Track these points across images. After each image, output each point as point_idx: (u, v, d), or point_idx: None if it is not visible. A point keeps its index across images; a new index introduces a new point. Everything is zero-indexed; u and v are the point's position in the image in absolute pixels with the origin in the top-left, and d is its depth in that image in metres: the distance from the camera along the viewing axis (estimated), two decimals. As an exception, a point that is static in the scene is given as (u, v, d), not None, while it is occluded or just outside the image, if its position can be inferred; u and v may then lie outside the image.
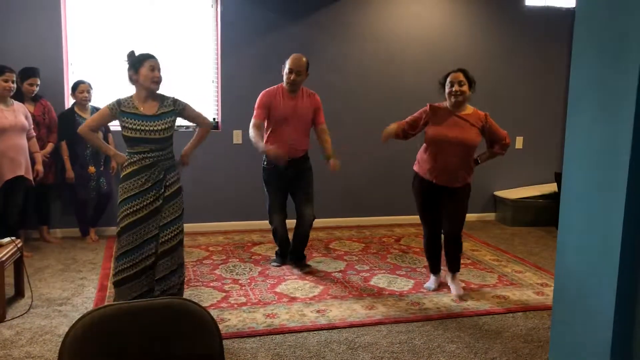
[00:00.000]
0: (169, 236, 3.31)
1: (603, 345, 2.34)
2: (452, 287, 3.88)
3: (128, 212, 3.23)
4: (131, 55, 3.34)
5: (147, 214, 3.24)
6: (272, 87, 4.17)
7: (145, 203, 3.24)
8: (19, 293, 3.67)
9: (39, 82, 4.63)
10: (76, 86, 4.81)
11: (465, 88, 3.67)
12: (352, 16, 5.62)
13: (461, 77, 3.67)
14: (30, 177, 4.39)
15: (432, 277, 4.02)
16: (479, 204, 6.27)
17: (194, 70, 5.42)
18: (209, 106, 5.51)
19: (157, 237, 3.27)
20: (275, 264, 4.39)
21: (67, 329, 1.50)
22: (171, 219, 3.32)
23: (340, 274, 4.27)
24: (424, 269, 4.40)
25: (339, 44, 5.62)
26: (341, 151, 4.42)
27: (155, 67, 3.28)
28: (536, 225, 5.92)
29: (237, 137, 5.46)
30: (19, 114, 4.28)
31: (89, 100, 4.85)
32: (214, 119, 5.50)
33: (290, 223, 4.36)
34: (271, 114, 4.08)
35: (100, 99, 5.10)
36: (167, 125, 3.31)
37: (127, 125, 3.24)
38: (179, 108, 3.41)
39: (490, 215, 6.31)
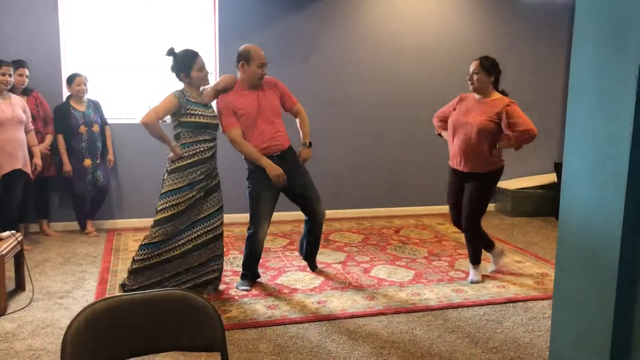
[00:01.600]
0: (211, 227, 3.49)
1: (604, 334, 2.35)
2: (471, 271, 3.98)
3: (170, 204, 3.35)
4: (172, 53, 3.50)
5: (186, 207, 3.37)
6: (225, 94, 3.65)
7: (189, 195, 3.36)
8: (20, 286, 3.67)
9: (27, 73, 4.60)
10: (72, 79, 4.79)
11: (479, 77, 3.76)
12: (351, 6, 5.60)
13: (475, 65, 3.80)
14: (29, 171, 4.37)
15: (473, 268, 3.97)
16: (479, 194, 6.27)
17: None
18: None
19: (189, 228, 3.42)
20: (244, 287, 3.74)
21: (68, 322, 1.50)
22: (212, 210, 3.49)
23: (340, 265, 4.28)
24: (423, 260, 4.41)
25: (338, 35, 5.60)
26: (335, 141, 4.34)
27: (203, 66, 3.49)
28: (536, 215, 5.93)
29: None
30: (17, 107, 4.26)
31: (85, 93, 4.83)
32: (213, 111, 5.48)
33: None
34: (238, 116, 3.60)
35: (96, 92, 5.09)
36: (215, 114, 3.54)
37: (193, 112, 3.37)
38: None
39: (490, 206, 6.30)
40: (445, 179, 5.27)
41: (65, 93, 5.00)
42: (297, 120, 3.90)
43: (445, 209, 6.09)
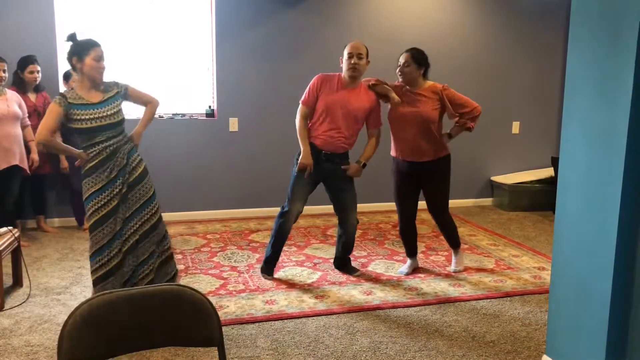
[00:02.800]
0: (145, 218, 3.25)
1: (600, 327, 2.36)
2: (453, 260, 4.09)
3: (97, 206, 3.13)
4: (72, 38, 3.17)
5: (116, 205, 3.16)
6: (331, 73, 3.78)
7: (113, 193, 3.16)
8: (17, 282, 3.67)
9: (39, 69, 4.60)
10: (69, 75, 4.77)
11: (409, 69, 3.71)
12: (347, 1, 5.58)
13: (406, 57, 3.74)
14: (26, 167, 4.36)
15: (408, 261, 4.05)
16: (476, 189, 6.29)
17: (189, 58, 5.38)
18: (204, 94, 5.48)
19: (127, 222, 3.20)
20: (266, 276, 3.87)
21: (66, 318, 1.50)
22: (144, 200, 3.26)
23: (338, 260, 4.29)
24: (421, 254, 4.42)
25: (335, 29, 5.58)
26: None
27: (101, 57, 3.16)
28: (533, 209, 5.94)
29: (232, 124, 5.44)
30: (12, 102, 4.25)
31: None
32: (210, 106, 5.48)
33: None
34: (320, 99, 3.67)
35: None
36: (117, 109, 3.20)
37: (79, 117, 3.08)
38: (123, 90, 3.28)
39: (487, 201, 6.32)
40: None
41: (62, 89, 4.98)
42: (368, 142, 3.87)
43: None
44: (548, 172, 6.07)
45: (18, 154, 4.26)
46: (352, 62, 3.63)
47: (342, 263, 4.03)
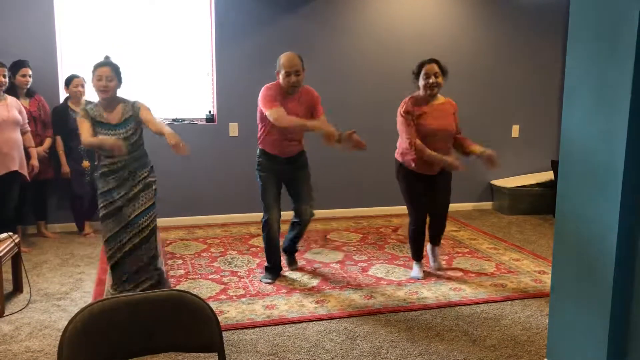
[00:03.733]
0: (142, 227, 3.49)
1: (600, 331, 2.36)
2: (433, 258, 4.17)
3: (104, 203, 3.46)
4: (100, 61, 3.50)
5: (119, 206, 3.45)
6: (272, 84, 3.78)
7: (116, 197, 3.44)
8: (18, 288, 3.67)
9: (30, 73, 4.60)
10: (70, 80, 4.79)
11: (440, 79, 3.74)
12: (346, 5, 5.60)
13: (436, 68, 3.73)
14: (25, 173, 4.36)
15: (418, 265, 4.03)
16: (476, 193, 6.29)
17: (189, 63, 5.40)
18: (204, 99, 5.49)
19: (128, 226, 3.47)
20: (267, 280, 3.91)
21: (66, 323, 1.50)
22: (142, 210, 3.49)
23: (338, 264, 4.28)
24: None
25: (334, 35, 5.60)
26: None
27: (102, 77, 3.36)
28: (533, 213, 5.94)
29: (233, 129, 5.44)
30: (12, 108, 4.24)
31: (84, 95, 4.83)
32: (210, 111, 5.49)
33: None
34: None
35: (94, 94, 5.07)
36: (130, 132, 3.45)
37: (97, 132, 3.42)
38: (136, 111, 3.47)
39: (487, 204, 6.32)
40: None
41: (62, 95, 4.99)
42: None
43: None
44: (548, 175, 6.07)
45: (18, 160, 4.25)
46: (292, 80, 3.68)
47: (291, 251, 4.17)
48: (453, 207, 6.11)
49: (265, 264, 4.00)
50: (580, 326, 2.48)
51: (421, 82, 3.76)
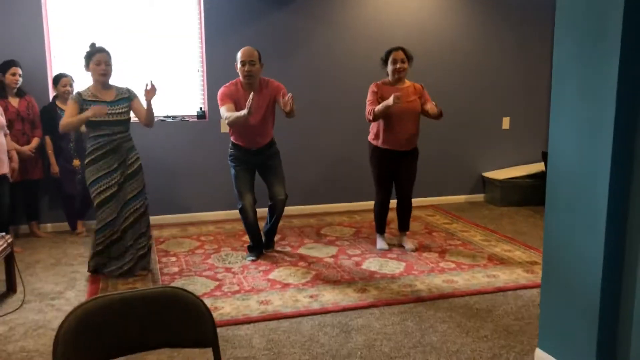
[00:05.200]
0: (135, 208, 3.84)
1: (591, 319, 2.39)
2: (407, 243, 4.52)
3: (99, 190, 3.73)
4: (92, 46, 3.80)
5: (115, 191, 3.76)
6: (229, 83, 4.05)
7: (112, 182, 3.74)
8: (11, 289, 3.66)
9: (20, 72, 4.56)
10: (58, 79, 4.77)
11: (406, 65, 4.17)
12: (335, 2, 5.60)
13: (402, 55, 4.14)
14: (9, 174, 4.30)
15: (381, 238, 4.56)
16: (468, 185, 6.32)
17: (179, 60, 5.38)
18: (195, 95, 5.48)
19: (122, 209, 3.81)
20: (250, 258, 4.24)
21: (60, 323, 1.50)
22: (135, 193, 3.84)
23: (332, 259, 4.30)
24: (415, 252, 4.44)
25: (325, 30, 5.60)
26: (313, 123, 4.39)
27: (101, 61, 3.71)
28: (525, 204, 5.98)
29: (224, 126, 5.43)
30: None
31: (72, 94, 4.80)
32: (201, 108, 5.48)
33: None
34: (237, 106, 3.95)
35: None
36: (125, 109, 3.82)
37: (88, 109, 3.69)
38: (133, 96, 3.89)
39: (479, 196, 6.36)
40: (433, 172, 5.32)
41: (51, 94, 4.97)
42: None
43: (435, 200, 6.15)
44: (539, 167, 6.12)
45: (5, 163, 4.21)
46: (246, 69, 3.90)
47: (270, 235, 4.41)
48: (445, 199, 6.19)
49: (249, 243, 4.34)
50: (570, 315, 2.51)
51: (389, 68, 4.19)
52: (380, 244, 4.53)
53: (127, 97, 3.85)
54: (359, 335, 3.04)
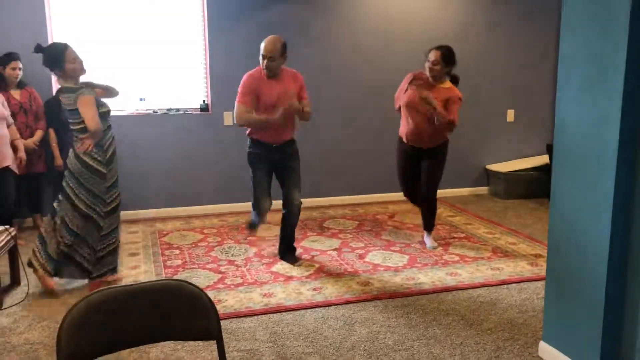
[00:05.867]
0: (112, 198, 3.57)
1: (595, 312, 2.38)
2: (427, 240, 4.44)
3: (117, 194, 3.62)
4: (38, 49, 3.48)
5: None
6: (254, 70, 3.83)
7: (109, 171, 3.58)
8: (15, 281, 3.67)
9: (21, 66, 4.54)
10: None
11: (437, 67, 4.02)
12: (339, -8, 5.56)
13: (436, 55, 4.03)
14: (15, 166, 4.30)
15: (428, 234, 4.47)
16: (472, 178, 6.30)
17: (182, 53, 5.36)
18: (198, 88, 5.47)
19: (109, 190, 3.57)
20: (251, 230, 4.49)
21: (64, 315, 1.50)
22: (113, 181, 3.59)
23: (335, 252, 4.30)
24: (417, 244, 4.43)
25: (329, 21, 5.57)
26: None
27: (75, 57, 3.48)
28: (529, 197, 5.96)
29: (227, 119, 5.42)
30: None
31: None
32: (204, 101, 5.46)
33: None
34: (260, 100, 3.75)
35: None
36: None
37: (99, 103, 3.53)
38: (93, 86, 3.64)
39: (483, 189, 6.34)
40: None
41: (55, 87, 4.95)
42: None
43: (439, 193, 6.09)
44: (543, 159, 6.09)
45: (9, 155, 4.20)
46: (265, 64, 3.74)
47: (288, 248, 4.11)
48: (449, 192, 6.17)
49: (251, 221, 4.28)
50: (575, 308, 2.50)
51: (426, 65, 4.11)
52: (429, 240, 4.44)
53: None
54: (363, 328, 3.04)
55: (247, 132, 3.93)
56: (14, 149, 4.35)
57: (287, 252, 4.11)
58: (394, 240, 4.58)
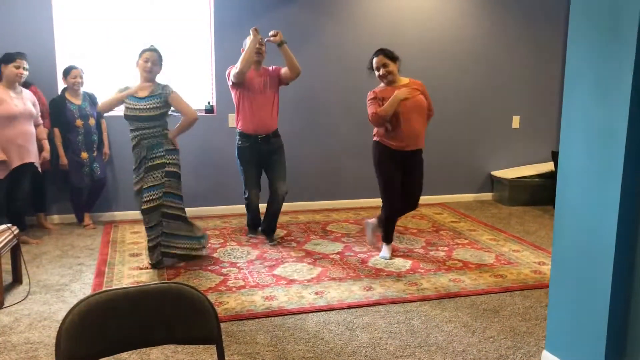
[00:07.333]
0: (148, 199, 3.87)
1: (599, 322, 2.36)
2: (385, 250, 4.25)
3: (135, 180, 3.97)
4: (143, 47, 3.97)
5: (140, 187, 3.92)
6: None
7: (138, 178, 3.92)
8: (17, 280, 3.67)
9: (26, 66, 4.47)
10: (68, 71, 4.76)
11: (391, 68, 3.95)
12: (346, -4, 5.56)
13: (383, 60, 3.95)
14: (38, 164, 4.46)
15: (387, 247, 4.24)
16: (476, 184, 6.28)
17: (188, 54, 5.36)
18: (203, 90, 5.47)
19: (144, 192, 3.91)
20: (250, 235, 4.72)
21: (64, 316, 1.49)
22: (149, 185, 3.87)
23: (337, 255, 4.28)
24: (421, 250, 4.42)
25: (334, 25, 5.56)
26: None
27: (149, 60, 3.88)
28: (533, 204, 5.93)
29: (232, 120, 5.42)
30: (27, 101, 4.35)
31: (81, 86, 4.81)
32: (209, 102, 5.46)
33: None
34: (245, 85, 4.28)
35: (92, 84, 5.05)
36: (153, 105, 3.85)
37: (126, 105, 3.88)
38: (167, 92, 3.92)
39: (487, 195, 6.31)
40: (441, 170, 5.30)
41: (60, 86, 4.96)
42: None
43: (443, 198, 6.11)
44: (548, 166, 6.06)
45: (32, 152, 4.37)
46: (264, 48, 4.33)
47: (271, 230, 4.57)
48: (453, 197, 6.15)
49: (247, 225, 4.80)
50: (579, 318, 2.48)
51: (376, 75, 4.03)
52: (383, 252, 4.21)
53: (159, 94, 3.87)
54: (364, 333, 3.02)
55: (237, 125, 4.40)
56: (40, 148, 4.44)
57: (266, 231, 4.59)
58: (397, 245, 4.56)
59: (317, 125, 5.66)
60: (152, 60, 3.88)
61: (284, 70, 4.38)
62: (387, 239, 4.24)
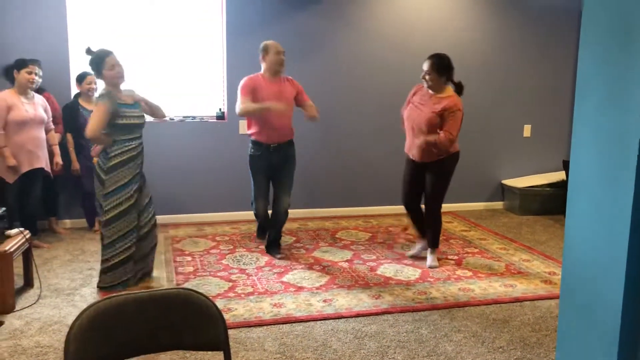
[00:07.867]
0: (147, 219, 3.74)
1: (611, 333, 2.33)
2: (428, 258, 4.26)
3: (115, 203, 3.55)
4: (89, 52, 3.62)
5: (131, 205, 3.59)
6: (252, 75, 4.26)
7: (129, 194, 3.59)
8: (28, 283, 3.70)
9: (37, 71, 4.45)
10: (83, 77, 4.81)
11: (429, 77, 3.99)
12: (359, 3, 5.58)
13: (426, 66, 4.03)
14: (49, 170, 4.49)
15: (420, 243, 4.41)
16: (487, 192, 6.25)
17: (200, 61, 5.40)
18: (215, 97, 5.50)
19: (136, 226, 3.65)
20: (259, 240, 4.71)
21: (73, 321, 1.50)
22: (146, 202, 3.75)
23: (346, 263, 4.28)
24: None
25: (345, 31, 5.58)
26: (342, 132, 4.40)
27: (115, 64, 3.56)
28: (544, 214, 5.89)
29: (242, 127, 5.43)
30: (39, 106, 4.39)
31: (95, 92, 4.86)
32: (220, 109, 5.49)
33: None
34: (256, 97, 4.14)
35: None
36: (142, 114, 3.73)
37: (124, 114, 3.56)
38: (139, 98, 3.75)
39: (498, 204, 6.28)
40: (454, 178, 5.25)
41: (74, 91, 5.02)
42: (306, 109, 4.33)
43: (453, 207, 6.08)
44: (560, 175, 6.02)
45: (42, 158, 4.40)
46: (283, 59, 4.22)
47: (275, 243, 4.45)
48: (464, 206, 6.12)
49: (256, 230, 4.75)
50: (590, 329, 2.45)
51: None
52: (417, 248, 4.43)
53: (137, 101, 3.70)
54: (372, 342, 3.01)
55: (250, 132, 4.28)
56: (51, 153, 4.49)
57: (271, 245, 4.45)
58: (407, 253, 4.54)
59: (328, 132, 5.67)
60: (119, 63, 3.58)
61: (303, 103, 4.33)
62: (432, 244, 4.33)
